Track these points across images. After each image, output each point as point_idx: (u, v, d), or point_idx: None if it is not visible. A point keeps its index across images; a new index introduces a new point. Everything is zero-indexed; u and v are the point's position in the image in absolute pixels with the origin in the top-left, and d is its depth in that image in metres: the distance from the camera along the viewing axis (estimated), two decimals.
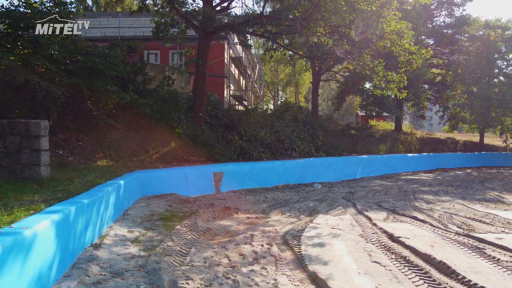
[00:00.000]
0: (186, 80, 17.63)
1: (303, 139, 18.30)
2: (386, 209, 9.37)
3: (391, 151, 24.44)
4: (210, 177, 11.33)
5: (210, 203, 9.38)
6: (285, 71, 44.81)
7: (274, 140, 16.10)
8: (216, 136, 14.80)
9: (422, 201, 11.02)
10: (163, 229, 6.43)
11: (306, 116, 21.21)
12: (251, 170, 12.87)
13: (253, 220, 7.77)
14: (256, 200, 10.39)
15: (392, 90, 11.76)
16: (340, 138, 23.62)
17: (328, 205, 9.86)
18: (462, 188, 14.66)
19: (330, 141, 20.86)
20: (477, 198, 12.15)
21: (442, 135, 31.89)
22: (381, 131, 27.54)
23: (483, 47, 24.06)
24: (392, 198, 11.41)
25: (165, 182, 10.19)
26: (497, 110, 23.96)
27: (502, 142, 26.56)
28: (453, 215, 8.66)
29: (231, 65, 21.36)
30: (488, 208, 10.08)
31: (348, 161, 18.48)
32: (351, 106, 69.44)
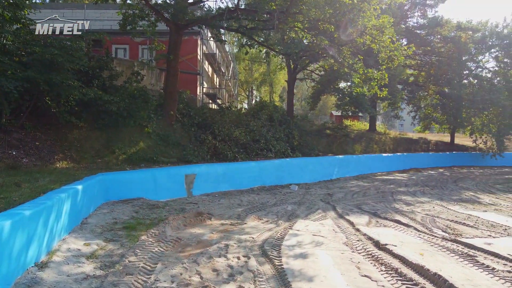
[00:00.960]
0: (157, 76, 16.72)
1: (279, 139, 17.84)
2: (367, 212, 8.99)
3: (366, 151, 24.46)
4: (182, 180, 10.59)
5: (181, 208, 8.66)
6: (259, 70, 44.34)
7: (249, 140, 15.53)
8: (188, 135, 14.04)
9: (402, 203, 10.77)
10: (126, 240, 5.68)
11: (281, 116, 20.77)
12: (225, 172, 12.22)
13: (227, 227, 7.13)
14: (230, 204, 9.75)
15: (373, 88, 11.48)
16: (316, 138, 23.37)
17: (307, 209, 9.37)
18: (438, 189, 14.63)
19: (306, 141, 20.53)
20: (454, 198, 12.07)
21: (414, 135, 32.42)
22: (355, 131, 27.57)
23: (454, 49, 24.53)
24: (371, 200, 11.09)
25: (132, 186, 9.38)
26: (468, 111, 24.48)
27: (472, 142, 27.22)
28: (435, 218, 8.39)
29: (205, 62, 20.58)
30: (467, 209, 9.92)
31: (325, 161, 18.19)
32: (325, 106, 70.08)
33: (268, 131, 17.36)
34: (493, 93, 22.87)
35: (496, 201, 11.61)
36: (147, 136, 12.65)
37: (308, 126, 26.75)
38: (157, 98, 14.51)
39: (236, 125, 16.27)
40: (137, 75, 13.42)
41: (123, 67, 14.63)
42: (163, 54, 13.71)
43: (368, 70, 11.19)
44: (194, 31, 17.67)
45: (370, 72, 11.11)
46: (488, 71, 27.26)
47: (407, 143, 28.77)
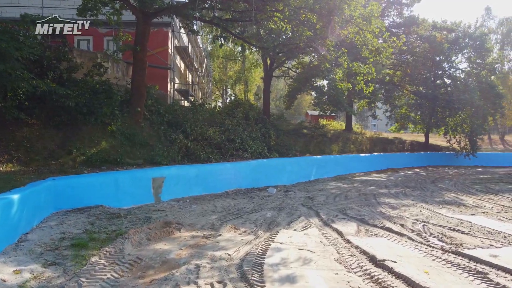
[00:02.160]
0: (124, 70, 15.39)
1: (255, 139, 16.93)
2: (354, 218, 8.23)
3: (343, 151, 24.03)
4: (148, 184, 9.45)
5: (147, 217, 7.56)
6: (234, 68, 43.29)
7: (224, 139, 14.53)
8: (158, 134, 12.87)
9: (387, 206, 10.13)
10: (71, 264, 4.58)
11: (257, 114, 19.90)
12: (198, 174, 11.16)
13: (199, 240, 6.12)
14: (203, 211, 8.73)
15: (358, 83, 10.78)
16: (293, 137, 22.67)
17: (288, 215, 8.50)
18: (419, 190, 14.23)
19: (283, 141, 19.76)
20: (438, 200, 11.63)
21: (389, 135, 32.47)
22: (332, 131, 27.14)
23: (429, 48, 24.52)
24: (355, 204, 10.39)
25: (89, 191, 8.18)
26: (443, 111, 24.54)
27: (446, 142, 27.42)
28: (427, 224, 7.74)
29: (176, 56, 19.36)
30: (455, 213, 9.41)
31: (303, 162, 17.46)
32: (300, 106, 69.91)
33: (244, 130, 16.43)
34: (468, 93, 23.00)
35: (480, 203, 11.26)
36: (111, 135, 11.40)
37: (285, 125, 26.06)
38: (123, 94, 13.24)
39: (209, 124, 15.23)
40: (99, 67, 12.11)
41: (85, 59, 13.27)
42: (129, 45, 12.46)
43: (353, 63, 10.48)
44: (164, 22, 16.44)
45: (355, 66, 10.41)
46: (461, 72, 27.56)
47: (383, 143, 28.66)
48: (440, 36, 24.35)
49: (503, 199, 12.17)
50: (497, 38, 39.31)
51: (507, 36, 41.50)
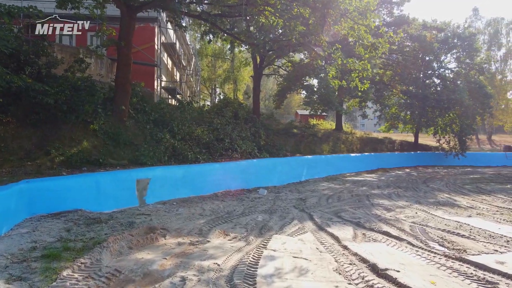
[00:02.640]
0: (108, 67, 14.76)
1: (245, 138, 16.50)
2: (349, 221, 7.86)
3: (333, 151, 23.78)
4: (132, 186, 8.91)
5: (129, 222, 7.03)
6: (223, 66, 42.73)
7: (212, 139, 14.05)
8: (143, 134, 12.31)
9: (381, 208, 9.81)
10: (39, 279, 4.06)
11: (247, 113, 19.46)
12: (185, 175, 10.65)
13: (186, 247, 5.65)
14: (191, 214, 8.24)
15: (353, 81, 10.41)
16: (283, 137, 22.30)
17: (280, 219, 8.08)
18: (411, 190, 14.00)
19: (273, 140, 19.37)
20: (431, 201, 11.39)
21: (379, 135, 32.41)
22: (322, 131, 26.88)
23: (419, 48, 24.45)
24: (348, 206, 10.04)
25: (68, 195, 7.62)
26: (433, 111, 24.49)
27: (435, 142, 27.44)
28: (425, 227, 7.42)
29: (163, 53, 18.77)
30: (451, 214, 9.15)
31: (293, 162, 17.08)
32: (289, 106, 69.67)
33: (233, 130, 15.97)
34: (458, 93, 22.99)
35: (474, 204, 11.06)
36: (93, 134, 10.81)
37: (275, 125, 25.67)
38: (107, 91, 12.64)
39: (198, 123, 14.73)
40: (81, 62, 11.49)
41: (66, 54, 12.62)
42: (113, 40, 11.87)
43: (348, 60, 10.10)
44: (151, 17, 15.85)
45: (350, 62, 10.04)
46: (450, 72, 27.60)
47: (373, 143, 28.53)
48: (430, 35, 24.30)
49: (496, 200, 12.01)
50: (484, 38, 39.79)
51: (494, 36, 41.99)
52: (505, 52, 41.99)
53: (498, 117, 36.22)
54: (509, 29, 42.08)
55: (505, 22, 42.01)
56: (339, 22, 9.40)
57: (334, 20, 9.16)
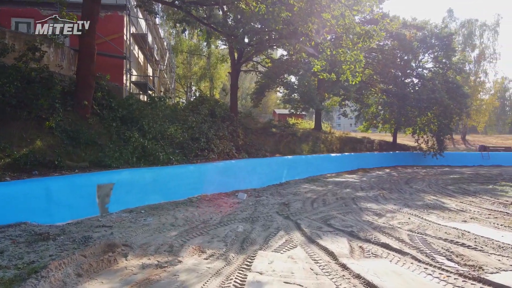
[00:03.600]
0: (71, 59, 13.29)
1: (222, 137, 15.45)
2: (341, 231, 7.00)
3: (313, 151, 23.13)
4: (93, 192, 7.69)
5: (85, 238, 5.86)
6: (199, 63, 41.33)
7: (187, 138, 12.92)
8: (109, 132, 11.03)
9: (371, 213, 9.06)
10: None
11: (224, 111, 18.40)
12: (156, 178, 9.50)
13: (151, 272, 4.57)
14: (161, 225, 7.14)
15: (344, 73, 9.56)
16: (262, 137, 21.40)
17: (263, 228, 7.11)
18: (396, 192, 13.44)
19: (251, 140, 18.42)
20: (420, 204, 10.80)
21: (358, 135, 32.12)
22: (301, 130, 26.20)
23: (399, 46, 24.16)
24: (336, 211, 9.21)
25: (10, 204, 6.37)
26: (412, 110, 24.27)
27: (414, 142, 27.32)
28: (424, 237, 6.66)
29: (134, 46, 17.39)
30: (445, 219, 8.51)
31: (273, 163, 16.19)
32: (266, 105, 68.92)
33: (210, 128, 14.89)
34: (437, 92, 22.82)
35: (464, 207, 10.55)
36: (49, 132, 9.45)
37: (253, 124, 24.74)
38: (67, 84, 11.26)
39: (171, 121, 13.54)
40: (35, 51, 10.08)
41: (20, 43, 11.13)
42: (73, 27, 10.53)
43: (338, 50, 9.24)
44: (119, 5, 14.49)
45: (341, 53, 9.17)
46: (428, 71, 27.55)
47: (352, 142, 28.14)
48: (409, 34, 24.05)
49: (483, 202, 11.60)
50: (458, 40, 40.36)
51: (468, 38, 42.82)
52: (478, 53, 42.97)
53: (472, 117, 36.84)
54: (482, 30, 43.11)
55: (479, 23, 43.01)
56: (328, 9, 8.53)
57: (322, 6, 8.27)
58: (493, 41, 43.39)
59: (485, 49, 43.23)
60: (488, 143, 36.88)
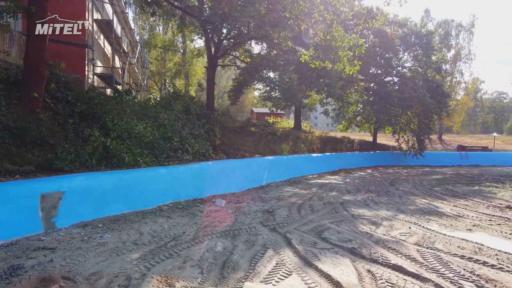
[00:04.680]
0: (22, 46, 11.55)
1: (197, 137, 14.10)
2: (340, 247, 5.88)
3: (294, 151, 22.15)
4: (35, 203, 6.20)
5: (12, 269, 4.42)
6: (174, 59, 39.51)
7: (158, 137, 11.50)
8: (64, 130, 9.46)
9: (366, 221, 8.04)
10: None
11: (200, 109, 17.01)
12: (119, 184, 8.06)
13: None
14: (121, 243, 5.77)
15: (340, 61, 8.41)
16: (240, 136, 20.17)
17: (247, 246, 5.88)
18: (384, 195, 12.61)
19: (229, 139, 17.16)
20: (413, 209, 9.98)
21: (337, 134, 31.47)
22: (281, 129, 25.17)
23: (380, 44, 23.53)
24: (327, 219, 8.13)
25: None
26: (394, 109, 23.70)
27: (395, 141, 26.87)
28: (437, 253, 5.66)
29: (99, 34, 15.69)
30: (448, 228, 7.65)
31: (253, 164, 14.98)
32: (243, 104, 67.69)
33: (184, 126, 13.51)
34: (419, 90, 22.33)
35: (460, 211, 9.82)
36: None
37: (231, 122, 23.49)
38: (14, 73, 9.59)
39: (140, 118, 12.07)
40: None
41: None
42: (19, 4, 8.89)
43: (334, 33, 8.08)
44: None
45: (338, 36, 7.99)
46: (408, 70, 27.18)
47: (332, 142, 27.41)
48: (390, 31, 23.47)
49: (477, 205, 10.96)
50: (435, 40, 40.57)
51: (445, 38, 43.23)
52: (454, 54, 43.46)
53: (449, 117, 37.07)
54: (458, 31, 43.65)
55: (455, 24, 43.52)
56: None
57: None
58: (469, 41, 44.13)
59: (461, 50, 43.85)
60: (464, 143, 37.24)
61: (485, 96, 65.11)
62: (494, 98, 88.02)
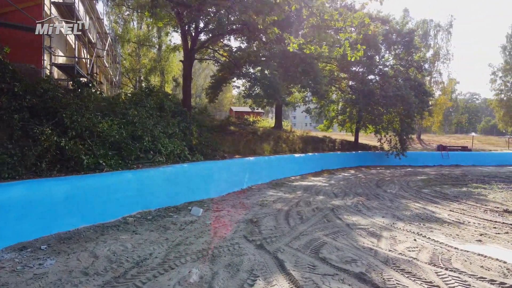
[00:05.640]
0: None
1: (172, 136, 12.76)
2: (344, 271, 4.80)
3: (275, 151, 21.08)
4: None
5: None
6: (149, 55, 37.64)
7: (125, 136, 10.09)
8: (9, 127, 7.93)
9: (364, 233, 7.06)
10: None
11: (176, 106, 15.62)
12: (73, 193, 6.66)
13: None
14: (66, 274, 4.45)
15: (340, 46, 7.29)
16: (219, 135, 18.89)
17: (230, 273, 4.68)
18: (374, 199, 11.79)
19: (207, 139, 15.84)
20: (409, 215, 9.20)
21: (318, 134, 30.69)
22: (261, 129, 24.07)
23: (363, 40, 22.78)
24: (320, 230, 7.07)
25: None
26: (378, 107, 23.04)
27: (377, 141, 26.29)
28: (461, 277, 4.70)
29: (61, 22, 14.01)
30: (457, 240, 6.78)
31: (233, 166, 13.78)
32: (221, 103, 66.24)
33: (157, 125, 12.13)
34: (403, 89, 21.75)
35: (459, 217, 9.12)
36: None
37: (208, 121, 22.17)
38: None
39: (106, 114, 10.62)
40: None
41: None
42: None
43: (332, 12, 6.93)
44: None
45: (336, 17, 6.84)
46: (390, 68, 26.68)
47: (314, 142, 26.55)
48: (373, 27, 22.75)
49: (473, 209, 10.42)
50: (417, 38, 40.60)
51: (424, 38, 43.38)
52: (433, 54, 43.74)
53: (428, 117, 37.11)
54: (436, 31, 43.96)
55: (433, 24, 43.80)
56: None
57: None
58: (447, 42, 44.54)
59: (439, 50, 44.18)
60: (443, 142, 37.37)
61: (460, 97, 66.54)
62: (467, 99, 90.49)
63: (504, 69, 46.34)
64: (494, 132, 67.37)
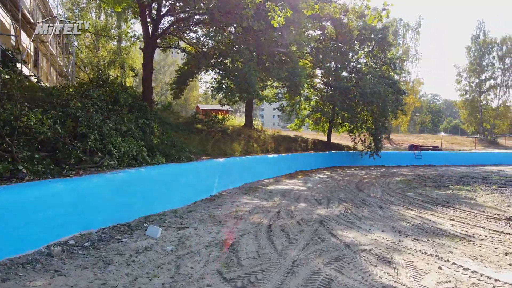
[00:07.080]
0: None
1: (127, 134, 10.69)
2: None
3: (246, 151, 19.43)
4: None
5: None
6: (108, 47, 34.60)
7: (64, 133, 7.94)
8: None
9: (372, 257, 5.55)
10: None
11: (134, 99, 13.46)
12: None
13: None
14: None
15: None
16: (185, 134, 16.92)
17: None
18: (361, 206, 10.52)
19: (171, 138, 13.84)
20: (410, 227, 8.01)
21: (290, 133, 29.37)
22: (231, 127, 22.27)
23: (337, 35, 21.63)
24: (318, 258, 5.43)
25: None
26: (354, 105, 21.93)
27: (350, 141, 25.29)
28: None
29: None
30: (488, 266, 5.42)
31: (202, 169, 11.91)
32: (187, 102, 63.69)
33: (107, 120, 9.99)
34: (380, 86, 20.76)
35: (463, 228, 8.14)
36: None
37: (173, 118, 20.10)
38: None
39: (39, 106, 8.41)
40: None
41: None
42: None
43: None
44: None
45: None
46: (364, 65, 25.79)
47: (286, 141, 25.15)
48: (349, 21, 21.66)
49: (472, 216, 9.23)
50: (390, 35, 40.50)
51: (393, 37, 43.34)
52: (402, 53, 43.87)
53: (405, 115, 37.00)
54: (405, 30, 44.15)
55: (402, 23, 43.93)
56: None
57: None
58: (415, 41, 44.90)
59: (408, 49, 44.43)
60: (412, 142, 37.35)
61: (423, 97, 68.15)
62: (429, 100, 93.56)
63: (469, 70, 47.45)
64: (458, 132, 69.74)
